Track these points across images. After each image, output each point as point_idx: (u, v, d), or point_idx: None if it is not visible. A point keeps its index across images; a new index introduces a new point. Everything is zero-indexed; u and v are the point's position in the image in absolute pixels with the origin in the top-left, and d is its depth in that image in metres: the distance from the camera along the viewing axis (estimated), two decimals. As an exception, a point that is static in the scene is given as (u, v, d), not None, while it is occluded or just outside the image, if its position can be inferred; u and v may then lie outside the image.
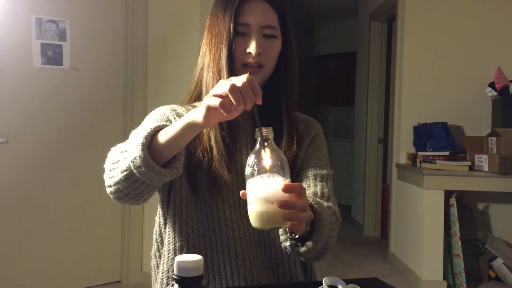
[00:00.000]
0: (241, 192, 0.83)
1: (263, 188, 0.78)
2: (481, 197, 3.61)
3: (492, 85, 3.47)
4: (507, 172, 3.06)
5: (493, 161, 3.09)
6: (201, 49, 1.09)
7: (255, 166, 0.80)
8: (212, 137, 1.02)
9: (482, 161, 3.17)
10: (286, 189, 0.77)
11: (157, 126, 0.88)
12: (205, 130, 1.04)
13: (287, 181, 0.79)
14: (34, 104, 2.84)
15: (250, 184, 0.80)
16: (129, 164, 0.86)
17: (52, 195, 2.92)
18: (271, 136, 0.81)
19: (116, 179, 0.91)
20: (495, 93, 3.42)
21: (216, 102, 0.76)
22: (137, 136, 0.87)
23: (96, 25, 3.03)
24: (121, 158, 0.91)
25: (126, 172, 0.88)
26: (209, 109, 0.78)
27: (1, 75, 2.74)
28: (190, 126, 0.83)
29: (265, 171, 0.79)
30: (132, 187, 0.90)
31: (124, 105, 3.13)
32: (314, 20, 6.82)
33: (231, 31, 1.00)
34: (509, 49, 3.60)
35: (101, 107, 3.05)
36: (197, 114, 0.81)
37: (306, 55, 6.85)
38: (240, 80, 0.77)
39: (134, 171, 0.86)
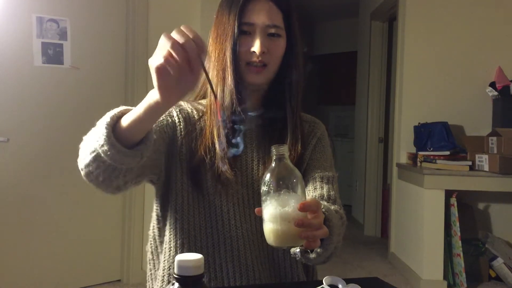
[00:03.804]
0: (256, 209, 0.83)
1: (279, 207, 0.78)
2: (481, 197, 3.61)
3: (492, 84, 3.47)
4: (508, 172, 3.06)
5: (493, 161, 3.09)
6: (208, 49, 1.09)
7: (270, 184, 0.79)
8: (215, 135, 1.02)
9: (483, 161, 3.17)
10: (302, 208, 0.76)
11: (125, 109, 0.87)
12: (208, 128, 1.04)
13: (303, 199, 0.79)
14: (34, 103, 2.84)
15: (266, 202, 0.80)
16: (95, 145, 0.85)
17: (53, 194, 2.92)
18: (286, 154, 0.81)
19: (86, 161, 0.89)
20: (495, 93, 3.42)
21: (161, 59, 0.71)
22: (105, 116, 0.86)
23: (97, 24, 3.03)
24: (90, 140, 0.89)
25: (94, 153, 0.86)
26: (157, 72, 0.72)
27: (2, 74, 2.74)
28: (151, 106, 0.79)
29: (281, 189, 0.79)
30: (100, 169, 0.87)
31: (125, 104, 3.11)
32: (315, 20, 6.82)
33: (236, 30, 1.00)
34: (509, 49, 3.60)
35: (102, 106, 3.01)
36: (153, 90, 0.77)
37: (307, 55, 6.84)
38: (178, 32, 0.72)
39: (99, 151, 0.84)
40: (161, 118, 0.88)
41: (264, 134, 1.09)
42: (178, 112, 1.06)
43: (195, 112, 1.09)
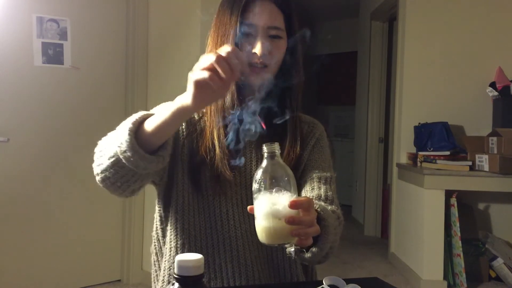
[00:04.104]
0: (249, 207, 0.83)
1: (270, 204, 0.78)
2: (481, 197, 3.61)
3: (493, 85, 3.47)
4: (508, 172, 3.06)
5: (493, 161, 3.09)
6: (206, 49, 1.09)
7: (262, 182, 0.80)
8: (215, 135, 1.02)
9: (483, 161, 3.17)
10: (293, 205, 0.76)
11: (146, 114, 0.88)
12: (208, 129, 1.04)
13: (294, 196, 0.79)
14: (35, 103, 2.84)
15: (258, 200, 0.80)
16: (116, 150, 0.86)
17: (53, 194, 2.92)
18: (277, 151, 0.81)
19: (104, 166, 0.90)
20: (496, 93, 3.42)
21: (205, 74, 0.73)
22: (125, 122, 0.87)
23: (97, 24, 3.03)
24: (109, 145, 0.90)
25: (113, 159, 0.87)
26: (197, 85, 0.75)
27: (2, 74, 2.74)
28: (180, 111, 0.81)
29: (272, 187, 0.79)
30: (119, 174, 0.89)
31: (125, 104, 3.13)
32: (315, 19, 6.82)
33: (237, 31, 1.00)
34: (510, 49, 3.60)
35: (102, 106, 3.05)
36: (185, 96, 0.79)
37: (306, 55, 6.84)
38: (224, 50, 0.74)
39: (120, 157, 0.85)
40: (150, 112, 0.88)
41: (263, 135, 1.08)
42: None
43: (195, 113, 1.09)
